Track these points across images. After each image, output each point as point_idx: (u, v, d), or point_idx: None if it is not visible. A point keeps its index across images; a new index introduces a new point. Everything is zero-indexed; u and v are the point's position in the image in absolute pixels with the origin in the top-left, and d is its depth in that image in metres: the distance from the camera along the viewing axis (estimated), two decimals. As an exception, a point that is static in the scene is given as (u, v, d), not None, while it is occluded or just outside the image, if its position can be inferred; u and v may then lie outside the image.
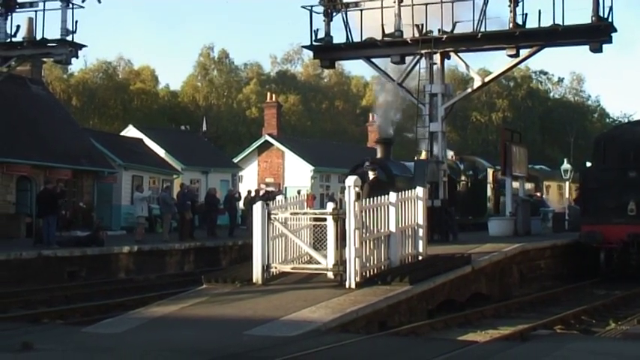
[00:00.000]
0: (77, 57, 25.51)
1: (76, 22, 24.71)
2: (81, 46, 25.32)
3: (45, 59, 33.34)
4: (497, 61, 46.53)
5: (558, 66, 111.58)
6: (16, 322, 14.68)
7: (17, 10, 25.49)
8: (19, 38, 25.48)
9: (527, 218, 25.95)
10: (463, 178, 34.92)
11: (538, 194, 35.75)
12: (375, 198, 16.06)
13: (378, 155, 28.70)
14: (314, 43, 25.17)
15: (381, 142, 30.06)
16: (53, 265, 22.55)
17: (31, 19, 25.42)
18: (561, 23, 22.41)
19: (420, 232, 17.03)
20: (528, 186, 36.20)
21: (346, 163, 33.59)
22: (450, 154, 33.31)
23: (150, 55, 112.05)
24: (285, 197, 18.50)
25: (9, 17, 25.46)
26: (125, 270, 24.57)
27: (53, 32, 25.18)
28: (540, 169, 44.39)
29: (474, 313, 16.29)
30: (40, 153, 33.11)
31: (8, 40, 25.49)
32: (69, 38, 24.84)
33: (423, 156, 26.13)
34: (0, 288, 20.46)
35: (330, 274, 15.43)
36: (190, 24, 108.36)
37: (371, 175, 20.46)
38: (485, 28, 23.23)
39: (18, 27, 25.41)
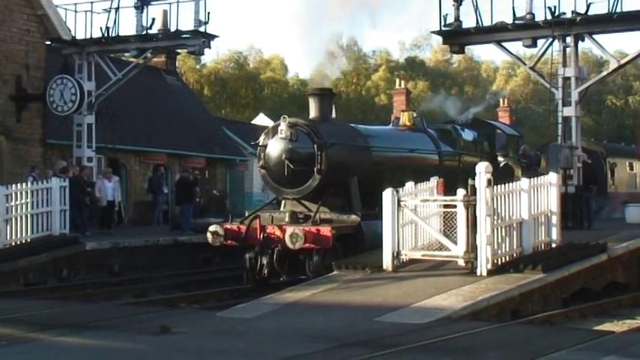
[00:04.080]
0: (210, 47, 26.16)
1: (209, 13, 25.33)
2: (213, 37, 25.90)
3: (179, 50, 34.23)
4: (634, 42, 44.87)
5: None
6: (155, 306, 15.17)
7: (152, 3, 26.31)
8: (154, 31, 26.27)
9: (667, 204, 25.03)
10: (469, 149, 23.32)
11: None
12: (507, 184, 15.81)
13: (312, 113, 19.47)
14: (443, 29, 24.93)
15: (314, 94, 19.98)
16: (188, 251, 23.17)
17: (165, 12, 26.14)
18: None
19: (554, 219, 16.64)
20: None
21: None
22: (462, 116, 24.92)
23: (280, 44, 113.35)
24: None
25: (144, 10, 26.30)
26: (257, 256, 24.93)
27: (187, 24, 25.90)
28: None
29: (611, 303, 15.85)
30: (175, 142, 34.06)
31: (144, 32, 26.33)
32: (202, 29, 25.46)
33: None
34: (139, 273, 21.22)
35: (461, 262, 15.28)
36: (319, 12, 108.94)
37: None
38: (621, 8, 22.48)
39: (153, 20, 26.20)
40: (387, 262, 15.72)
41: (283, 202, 19.05)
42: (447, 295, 13.30)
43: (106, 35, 26.69)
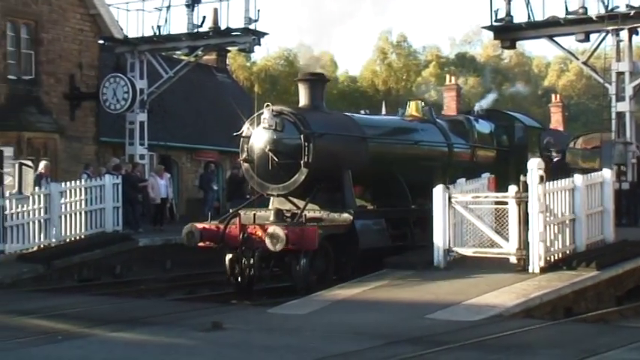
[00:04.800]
0: (260, 45, 26.39)
1: (259, 10, 25.50)
2: (263, 34, 26.04)
3: (229, 48, 34.42)
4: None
5: None
6: (207, 303, 15.29)
7: (203, 1, 26.53)
8: (205, 29, 26.49)
9: None
10: (484, 142, 21.51)
11: None
12: (560, 180, 15.64)
13: (301, 100, 17.67)
14: (494, 24, 24.75)
15: (303, 79, 17.95)
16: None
17: (216, 10, 26.38)
18: None
19: (607, 216, 16.43)
20: None
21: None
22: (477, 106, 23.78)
23: (329, 41, 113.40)
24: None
25: (195, 8, 26.51)
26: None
27: (237, 21, 26.08)
28: None
29: (666, 301, 15.60)
30: (226, 139, 34.17)
31: (195, 30, 26.55)
32: (252, 27, 25.60)
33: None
34: (189, 269, 21.36)
35: (513, 259, 15.14)
36: (368, 8, 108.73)
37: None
38: (677, 0, 22.13)
39: (204, 18, 26.46)
40: (437, 259, 15.65)
41: (271, 199, 17.45)
42: (499, 293, 13.20)
43: (157, 34, 27.00)
